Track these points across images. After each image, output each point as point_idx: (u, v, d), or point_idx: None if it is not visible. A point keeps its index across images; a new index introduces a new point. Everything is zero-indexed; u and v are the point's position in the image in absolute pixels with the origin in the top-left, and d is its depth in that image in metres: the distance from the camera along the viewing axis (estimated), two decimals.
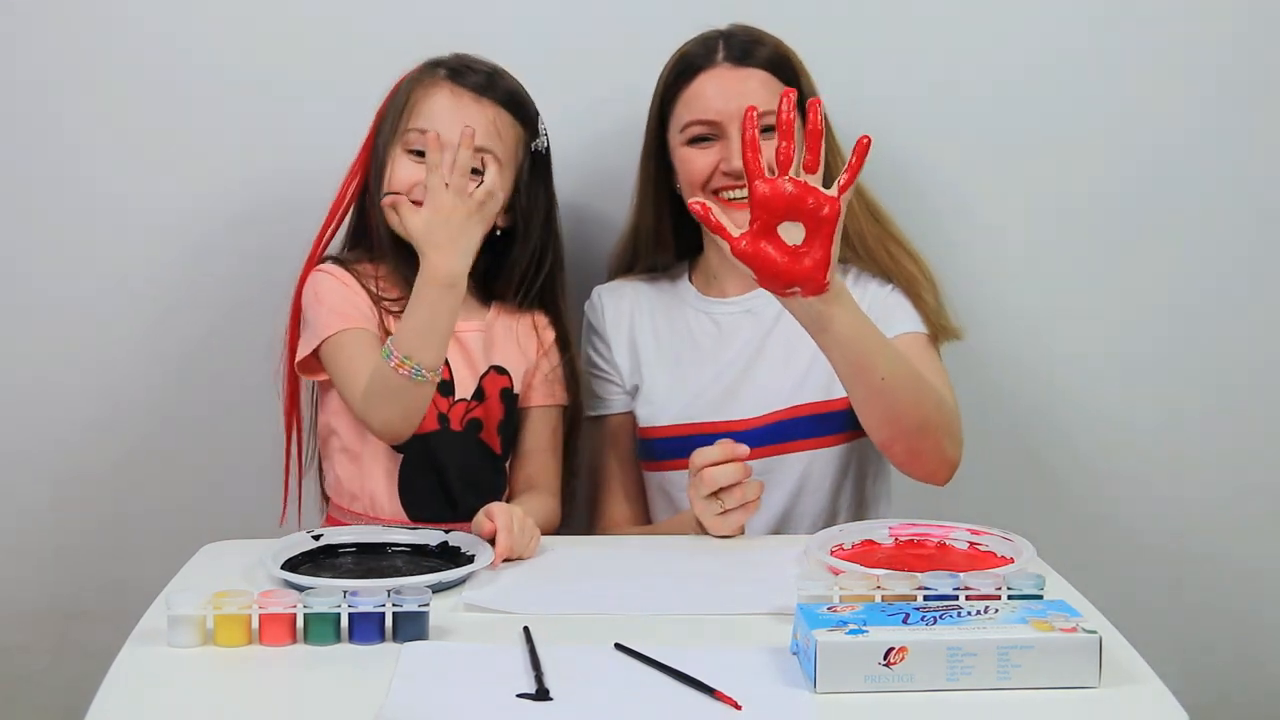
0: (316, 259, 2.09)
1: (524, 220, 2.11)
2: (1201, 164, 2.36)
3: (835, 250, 1.74)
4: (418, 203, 1.96)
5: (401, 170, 2.01)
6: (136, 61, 2.31)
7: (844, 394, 1.99)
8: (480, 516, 1.88)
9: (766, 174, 1.72)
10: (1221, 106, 2.35)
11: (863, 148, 1.72)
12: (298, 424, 2.17)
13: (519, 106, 2.07)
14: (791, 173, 1.72)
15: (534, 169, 2.10)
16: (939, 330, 2.12)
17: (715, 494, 1.93)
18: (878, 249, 2.12)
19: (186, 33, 2.31)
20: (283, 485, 2.17)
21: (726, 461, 1.92)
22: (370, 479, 2.07)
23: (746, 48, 2.07)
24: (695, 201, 1.79)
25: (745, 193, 1.91)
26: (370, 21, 2.30)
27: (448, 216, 1.90)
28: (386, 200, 1.97)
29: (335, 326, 2.01)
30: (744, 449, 1.92)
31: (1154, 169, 2.36)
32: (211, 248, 2.36)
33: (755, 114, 1.73)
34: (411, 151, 2.02)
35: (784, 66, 2.07)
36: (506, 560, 1.84)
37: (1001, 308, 2.36)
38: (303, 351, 2.04)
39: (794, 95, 1.73)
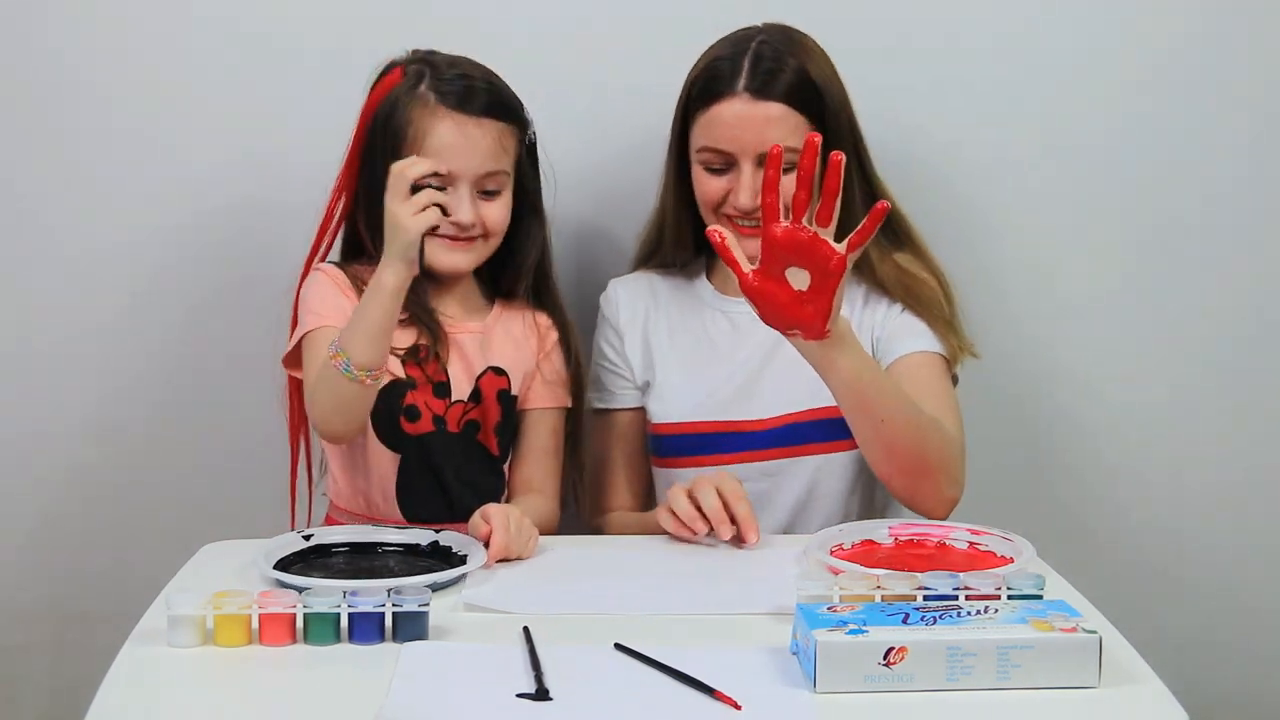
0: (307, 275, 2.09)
1: (531, 210, 2.11)
2: (1209, 167, 2.36)
3: (838, 301, 1.77)
4: (444, 236, 2.01)
5: None
6: (140, 62, 2.31)
7: None
8: (476, 518, 1.88)
9: (782, 218, 1.73)
10: (1225, 108, 2.35)
11: (878, 213, 1.73)
12: (304, 435, 2.16)
13: (512, 111, 2.06)
14: (805, 220, 1.73)
15: (529, 156, 2.10)
16: (955, 350, 2.11)
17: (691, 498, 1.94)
18: (884, 267, 2.11)
19: (187, 33, 2.31)
20: (289, 491, 2.16)
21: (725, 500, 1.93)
22: (368, 480, 2.07)
23: (769, 76, 2.04)
24: (713, 230, 1.81)
25: (755, 221, 1.98)
26: (376, 23, 2.29)
27: (390, 221, 1.90)
28: None
29: (311, 324, 2.01)
30: (743, 521, 1.92)
31: (1158, 173, 2.36)
32: (213, 249, 2.36)
33: (779, 155, 1.74)
34: (421, 187, 1.99)
35: (805, 96, 2.05)
36: (504, 560, 1.84)
37: (1002, 309, 2.36)
38: (289, 346, 2.05)
39: (818, 143, 1.73)
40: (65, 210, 2.34)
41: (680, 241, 2.20)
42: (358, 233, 2.09)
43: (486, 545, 1.84)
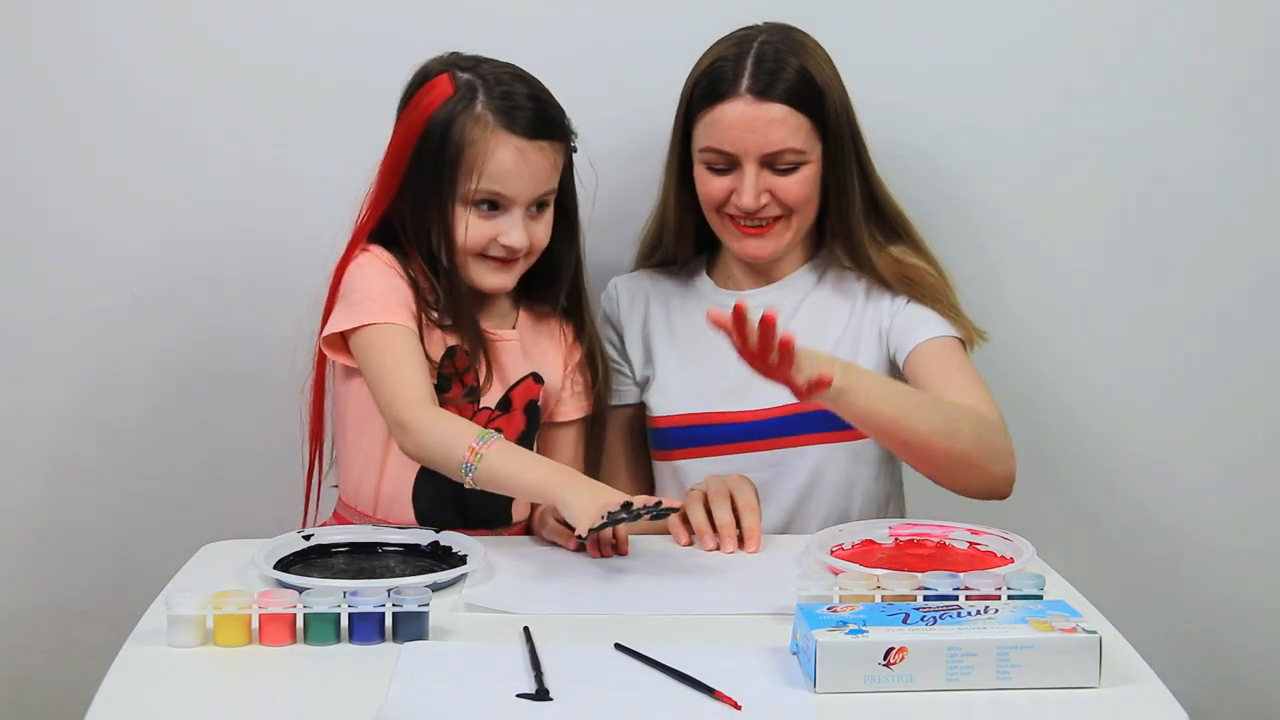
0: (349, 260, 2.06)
1: (567, 221, 2.09)
2: (1214, 162, 2.36)
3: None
4: (492, 258, 1.99)
5: (475, 230, 1.99)
6: (145, 66, 2.31)
7: None
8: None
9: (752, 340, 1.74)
10: (1229, 106, 2.35)
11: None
12: (321, 431, 2.14)
13: (563, 128, 2.03)
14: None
15: (568, 168, 2.08)
16: (969, 331, 2.11)
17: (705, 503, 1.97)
18: (881, 261, 2.11)
19: (189, 34, 2.31)
20: (305, 481, 2.13)
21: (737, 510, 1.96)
22: (387, 482, 2.05)
23: (771, 77, 2.04)
24: (713, 313, 1.76)
25: (756, 221, 2.06)
26: (387, 25, 2.29)
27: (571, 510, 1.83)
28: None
29: (377, 316, 1.96)
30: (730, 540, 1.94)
31: (1163, 168, 2.36)
32: (213, 248, 2.36)
33: (772, 320, 1.72)
34: (479, 208, 1.99)
35: (807, 96, 2.05)
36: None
37: (1003, 308, 2.35)
38: (338, 326, 1.98)
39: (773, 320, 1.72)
40: (67, 211, 2.34)
41: (682, 239, 2.20)
42: (390, 226, 2.06)
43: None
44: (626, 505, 1.75)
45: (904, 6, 2.32)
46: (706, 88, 2.07)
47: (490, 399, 2.05)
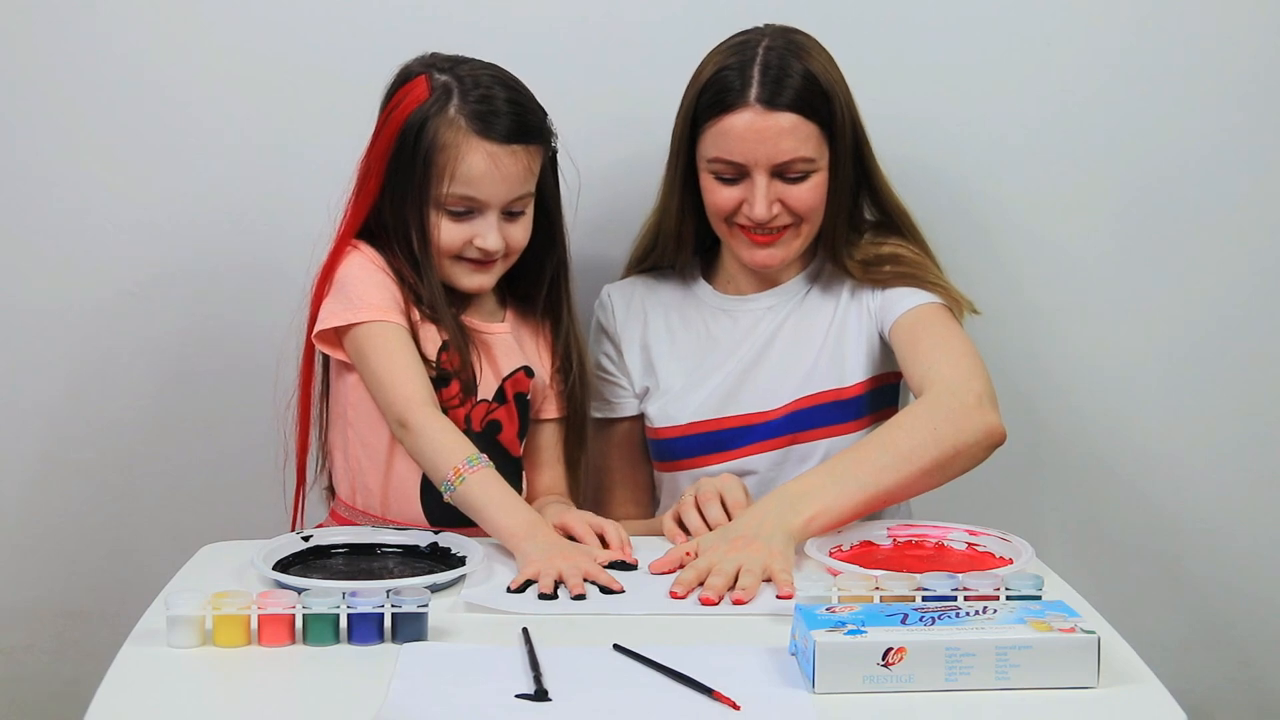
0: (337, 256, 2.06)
1: (549, 221, 2.09)
2: (1219, 162, 2.36)
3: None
4: (468, 260, 2.01)
5: (447, 234, 2.00)
6: (137, 60, 2.31)
7: (858, 380, 2.09)
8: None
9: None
10: (1231, 105, 2.35)
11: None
12: (309, 430, 2.13)
13: (539, 131, 2.04)
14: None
15: (550, 167, 2.09)
16: (956, 299, 2.09)
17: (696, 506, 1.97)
18: (853, 262, 2.11)
19: (184, 32, 2.31)
20: (295, 488, 2.12)
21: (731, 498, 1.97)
22: (394, 478, 2.04)
23: (777, 86, 2.02)
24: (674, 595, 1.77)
25: (767, 230, 2.06)
26: (384, 23, 2.29)
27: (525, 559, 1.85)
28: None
29: (368, 315, 1.98)
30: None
31: (1168, 169, 2.37)
32: (212, 246, 2.36)
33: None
34: (453, 212, 2.00)
35: (815, 103, 2.04)
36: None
37: (1002, 306, 2.35)
38: (332, 321, 1.99)
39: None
40: (61, 207, 2.34)
41: (682, 247, 2.19)
42: (374, 223, 2.07)
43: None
44: (553, 594, 1.74)
45: (904, 8, 2.33)
46: (713, 98, 2.05)
47: (485, 391, 2.06)
